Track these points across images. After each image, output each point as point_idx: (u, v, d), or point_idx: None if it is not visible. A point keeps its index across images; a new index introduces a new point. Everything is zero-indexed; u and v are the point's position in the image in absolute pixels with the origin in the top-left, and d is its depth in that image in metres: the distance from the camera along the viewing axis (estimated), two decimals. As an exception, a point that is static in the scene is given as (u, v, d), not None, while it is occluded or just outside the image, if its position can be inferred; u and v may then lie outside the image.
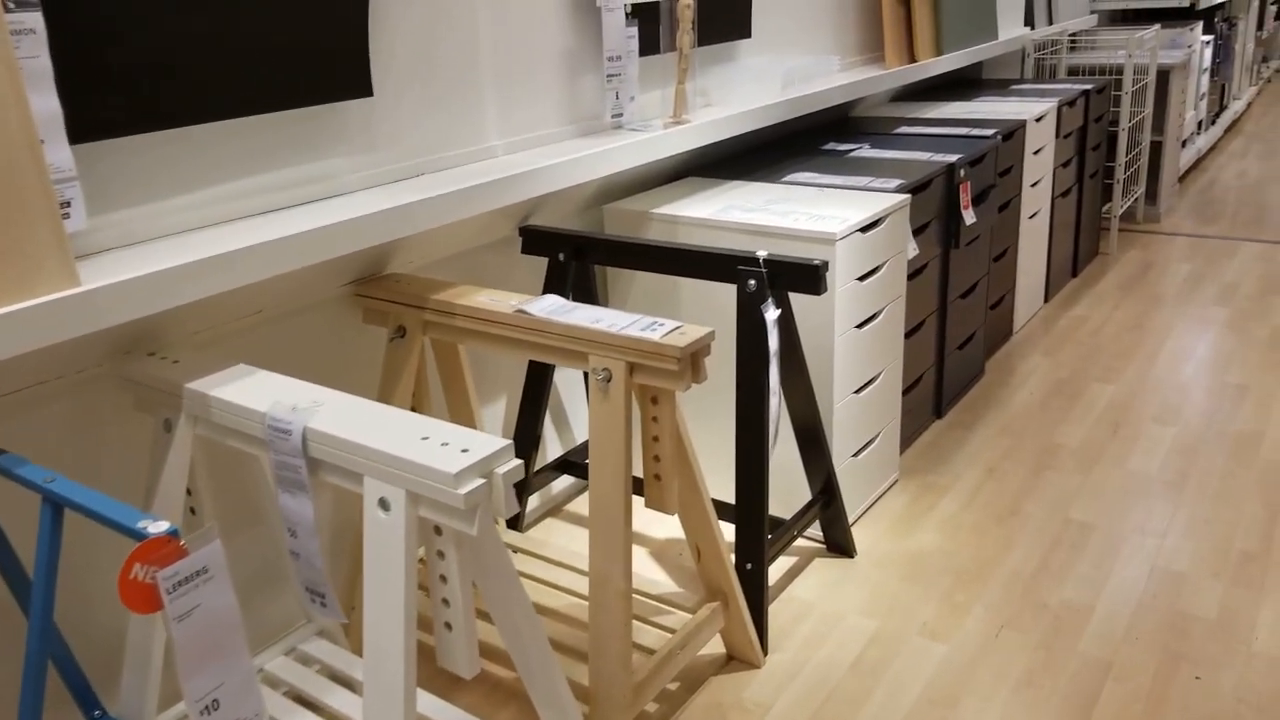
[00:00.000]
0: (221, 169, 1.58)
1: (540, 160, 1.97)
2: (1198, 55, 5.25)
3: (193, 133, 1.54)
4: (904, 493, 2.40)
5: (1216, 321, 3.32)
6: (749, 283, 1.84)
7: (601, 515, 1.55)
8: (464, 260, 2.11)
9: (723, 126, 2.37)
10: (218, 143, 1.57)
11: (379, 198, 1.72)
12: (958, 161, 2.56)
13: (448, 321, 1.72)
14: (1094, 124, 3.70)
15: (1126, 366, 3.01)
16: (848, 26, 3.16)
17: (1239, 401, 2.75)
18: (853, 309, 2.13)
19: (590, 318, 1.56)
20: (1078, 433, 2.63)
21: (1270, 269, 3.80)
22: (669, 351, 1.45)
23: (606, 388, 1.52)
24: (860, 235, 2.10)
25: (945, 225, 2.60)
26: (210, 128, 1.56)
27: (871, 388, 2.27)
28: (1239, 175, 5.34)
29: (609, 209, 2.32)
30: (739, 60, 2.72)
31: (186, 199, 1.54)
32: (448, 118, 1.93)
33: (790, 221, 2.09)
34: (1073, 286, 3.73)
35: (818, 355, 2.11)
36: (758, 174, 2.54)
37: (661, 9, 2.28)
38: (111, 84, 1.39)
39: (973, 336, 2.89)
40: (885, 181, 2.37)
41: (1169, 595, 1.96)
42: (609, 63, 2.22)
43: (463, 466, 1.12)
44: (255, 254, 1.46)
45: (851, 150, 2.77)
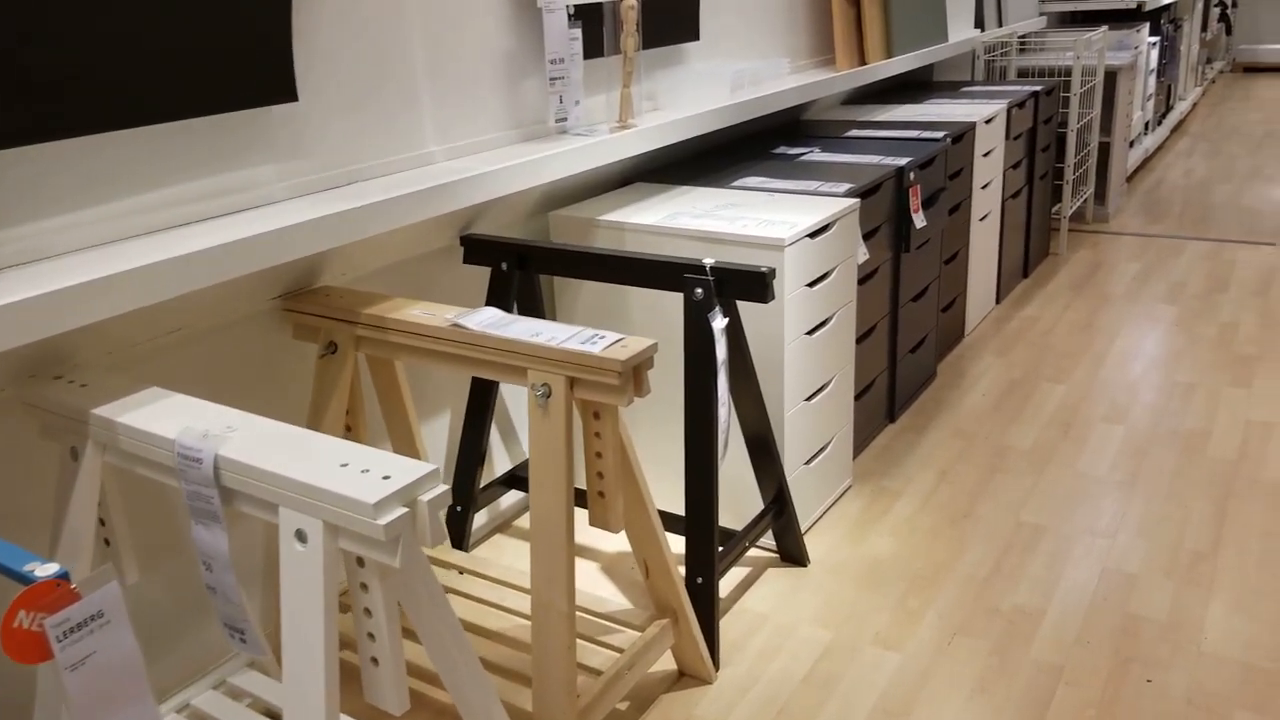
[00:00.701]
0: (132, 179, 1.52)
1: (480, 166, 1.92)
2: (1144, 56, 5.31)
3: (100, 141, 1.47)
4: (858, 498, 2.38)
5: (1165, 320, 3.34)
6: (695, 291, 1.80)
7: (543, 537, 1.50)
8: (403, 271, 2.05)
9: (670, 131, 2.34)
10: (128, 152, 1.50)
11: (305, 208, 1.66)
12: (907, 165, 2.55)
13: (381, 336, 1.67)
14: (1043, 125, 3.71)
15: (1077, 366, 3.02)
16: (798, 29, 3.14)
17: (1187, 400, 2.76)
18: (803, 315, 2.10)
19: (529, 331, 1.52)
20: (1029, 434, 2.62)
21: (1216, 267, 3.84)
22: (610, 365, 1.41)
23: (546, 404, 1.48)
24: (809, 241, 2.07)
25: (896, 229, 2.58)
26: (119, 135, 1.49)
27: (823, 394, 2.24)
28: (1185, 174, 5.40)
29: (554, 216, 2.27)
30: (687, 63, 2.68)
31: (94, 212, 1.48)
32: (382, 123, 1.88)
33: (739, 227, 2.06)
34: (1024, 287, 3.74)
35: (767, 363, 2.08)
36: (707, 178, 2.50)
37: (605, 11, 2.24)
38: (5, 91, 1.32)
39: (925, 339, 2.88)
40: (835, 185, 2.35)
41: (1120, 597, 1.95)
42: (551, 65, 2.18)
43: (383, 495, 1.07)
44: (166, 269, 1.40)
45: (802, 154, 2.74)
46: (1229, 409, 2.69)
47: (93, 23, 1.39)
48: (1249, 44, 9.61)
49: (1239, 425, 2.60)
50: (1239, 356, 3.02)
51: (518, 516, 2.40)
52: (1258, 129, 6.60)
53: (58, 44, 1.36)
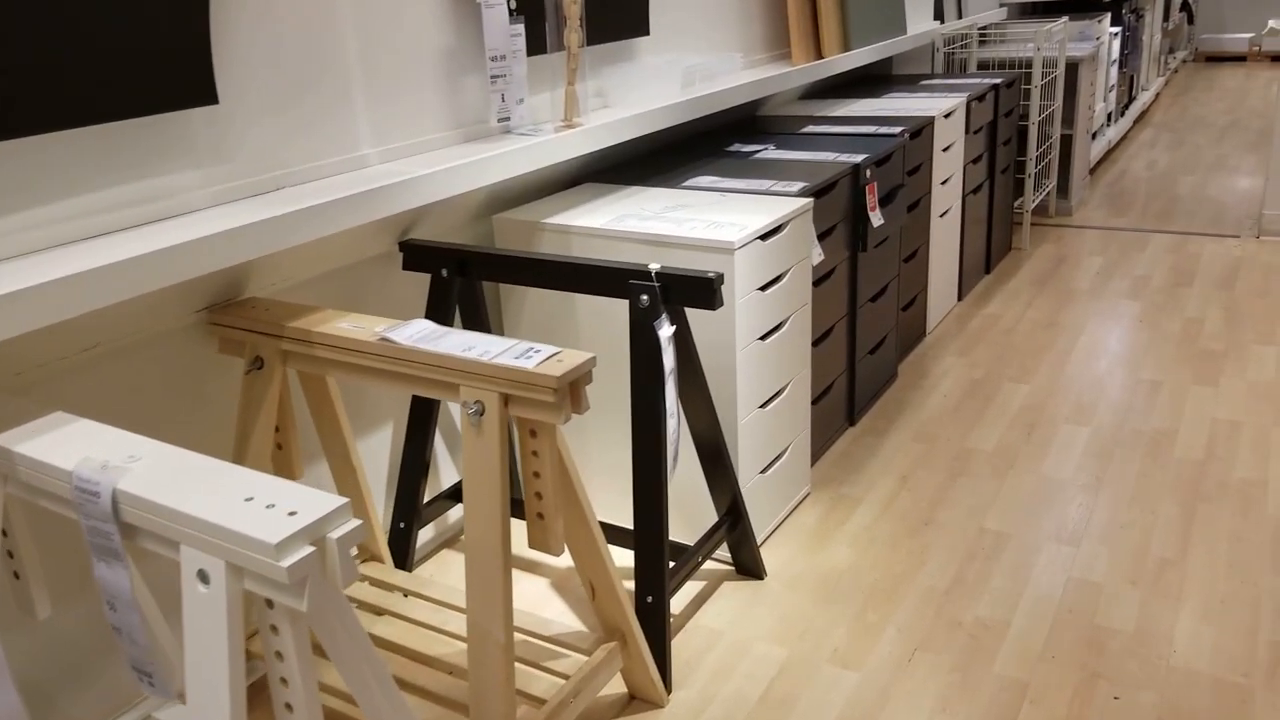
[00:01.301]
0: (37, 190, 1.42)
1: (416, 169, 1.83)
2: (1106, 47, 5.28)
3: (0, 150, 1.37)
4: (816, 506, 2.31)
5: (1128, 316, 3.30)
6: (641, 298, 1.72)
7: (478, 563, 1.42)
8: (339, 278, 1.96)
9: (617, 130, 2.25)
10: (31, 160, 1.41)
11: (228, 215, 1.57)
12: (863, 162, 2.48)
13: (308, 351, 1.58)
14: (1004, 118, 3.66)
15: (1040, 365, 2.97)
16: (753, 22, 3.06)
17: (1152, 398, 2.71)
18: (755, 320, 2.02)
19: (461, 345, 1.43)
20: (992, 436, 2.57)
21: (1180, 260, 3.80)
22: (544, 382, 1.33)
23: (479, 422, 1.39)
24: (760, 243, 2.00)
25: (852, 228, 2.52)
26: (22, 144, 1.39)
27: (778, 400, 2.17)
28: (1148, 166, 5.38)
29: (499, 219, 2.19)
30: (638, 59, 2.60)
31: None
32: (312, 125, 1.79)
33: (687, 230, 1.98)
34: (986, 283, 3.70)
35: (719, 370, 2.01)
36: (658, 178, 2.42)
37: (546, 5, 2.15)
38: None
39: (884, 340, 2.82)
40: (788, 184, 2.28)
41: (1085, 608, 1.89)
42: (492, 63, 2.09)
43: (286, 534, 0.98)
44: (76, 284, 1.30)
45: (756, 151, 2.67)
46: (1195, 407, 2.64)
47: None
48: (1212, 33, 9.65)
49: (1205, 424, 2.55)
50: (1204, 353, 2.98)
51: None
52: (1221, 118, 6.61)
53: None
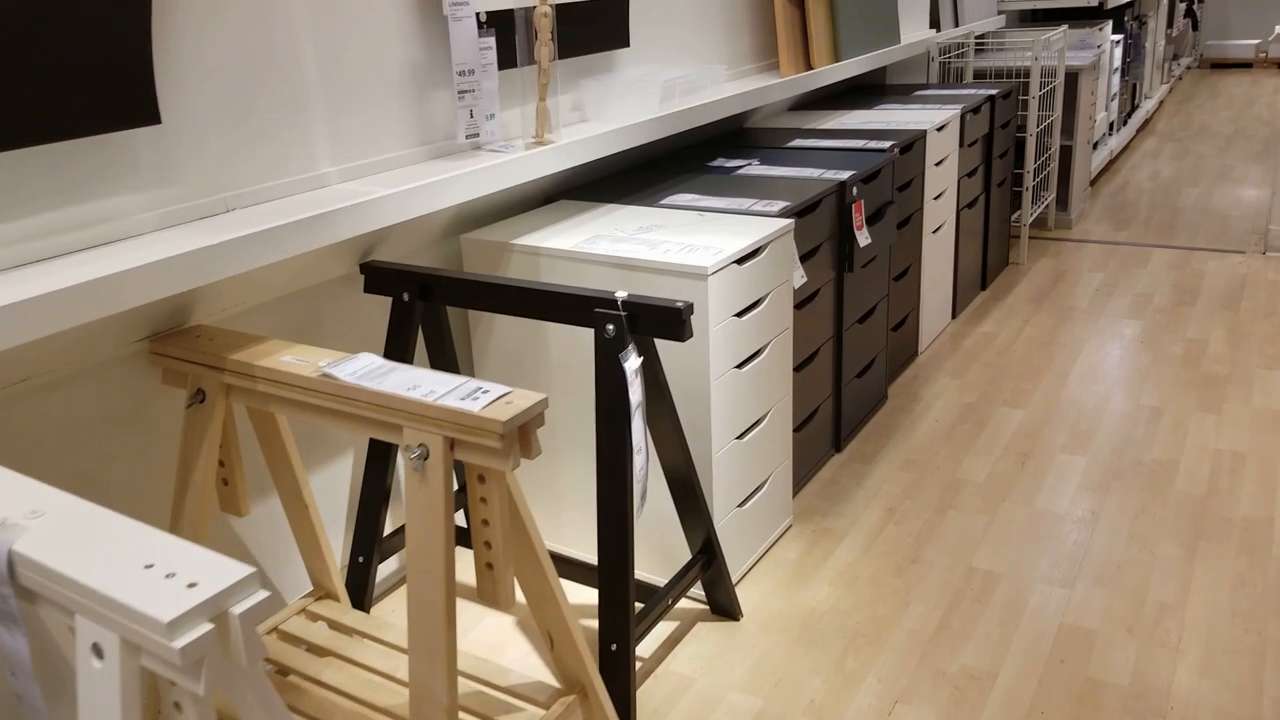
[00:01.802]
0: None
1: (376, 189, 1.74)
2: (1107, 55, 5.18)
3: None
4: (798, 539, 2.21)
5: (1129, 336, 3.19)
6: (607, 328, 1.63)
7: (421, 618, 1.32)
8: (298, 302, 1.86)
9: (591, 146, 2.16)
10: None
11: (170, 240, 1.48)
12: (850, 179, 2.38)
13: (249, 385, 1.48)
14: (1000, 130, 3.56)
15: (1036, 388, 2.87)
16: (740, 32, 2.97)
17: (1152, 426, 2.61)
18: (731, 348, 1.93)
19: (405, 383, 1.33)
20: (984, 465, 2.47)
21: (1182, 278, 3.70)
22: (490, 426, 1.23)
23: (423, 467, 1.30)
24: (737, 267, 1.90)
25: (838, 247, 2.42)
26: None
27: (757, 430, 2.07)
28: (1151, 176, 5.28)
29: (466, 239, 2.09)
30: (617, 71, 2.51)
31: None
32: (266, 144, 1.69)
33: (660, 254, 1.88)
34: (982, 300, 3.60)
35: (692, 401, 1.91)
36: (635, 196, 2.33)
37: (517, 18, 2.06)
38: None
39: (873, 362, 2.72)
40: (769, 204, 2.18)
41: (1078, 658, 1.79)
42: (459, 78, 1.99)
43: (181, 611, 0.89)
44: (5, 315, 1.21)
45: (740, 167, 2.58)
46: (1197, 437, 2.54)
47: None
48: (1217, 39, 9.55)
49: (1208, 455, 2.45)
50: (1208, 377, 2.88)
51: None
52: (1226, 127, 6.50)
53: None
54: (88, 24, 1.40)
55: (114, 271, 1.36)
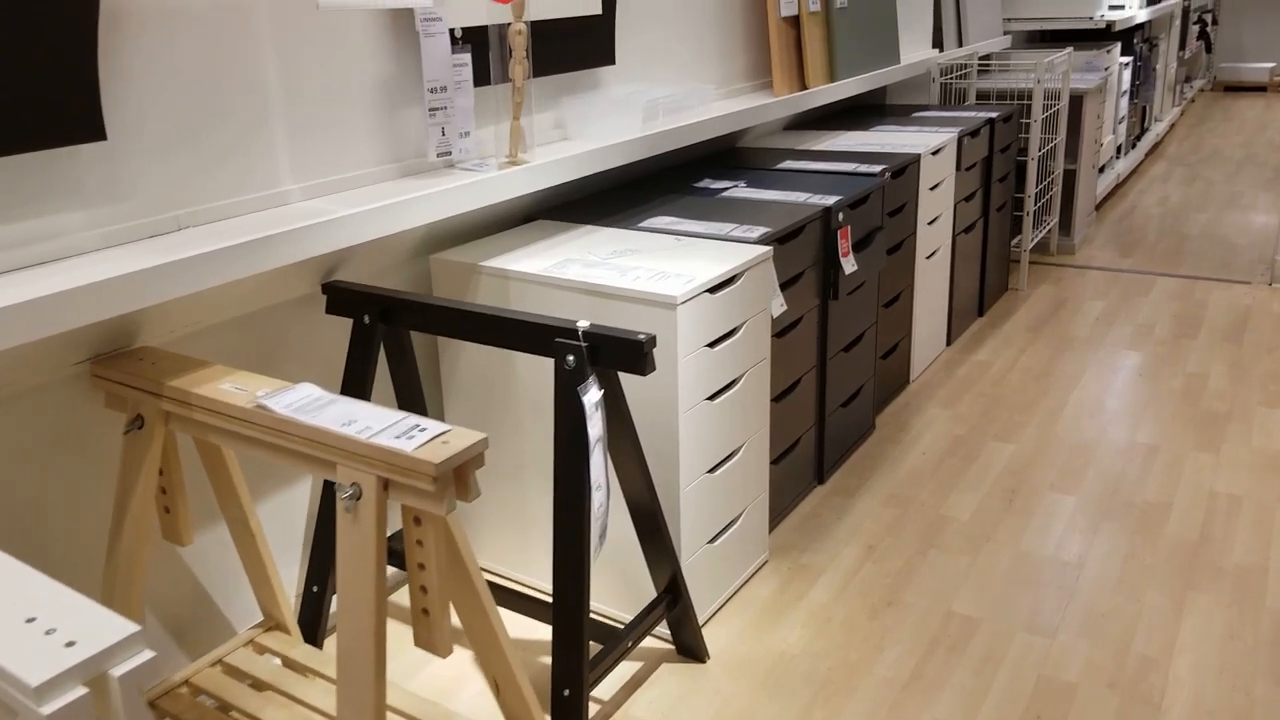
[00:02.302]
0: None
1: (337, 209, 1.68)
2: (1115, 78, 5.11)
3: None
4: (773, 576, 2.14)
5: (1128, 368, 3.11)
6: (567, 359, 1.56)
7: (350, 668, 1.26)
8: (256, 323, 1.80)
9: (566, 167, 2.10)
10: None
11: (113, 260, 1.42)
12: (835, 205, 2.31)
13: (186, 413, 1.42)
14: (1000, 154, 3.49)
15: (1028, 421, 2.79)
16: (734, 51, 2.91)
17: (1147, 465, 2.53)
18: (701, 379, 1.86)
19: (341, 418, 1.27)
20: (970, 502, 2.39)
21: (1185, 308, 3.62)
22: (422, 468, 1.17)
23: (355, 507, 1.23)
24: (709, 296, 1.83)
25: (822, 274, 2.35)
26: None
27: (730, 464, 2.00)
28: (1160, 201, 5.20)
29: (436, 259, 2.03)
30: (603, 89, 2.45)
31: None
32: (223, 161, 1.63)
33: (629, 280, 1.82)
34: (978, 327, 3.52)
35: (659, 434, 1.84)
36: (615, 217, 2.27)
37: (490, 35, 2.00)
38: None
39: (860, 391, 2.64)
40: (749, 229, 2.11)
41: (1055, 713, 1.71)
42: (431, 95, 1.94)
43: (52, 674, 0.82)
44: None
45: (725, 189, 2.51)
46: (1193, 478, 2.46)
47: None
48: (1231, 62, 9.46)
49: (1203, 498, 2.37)
50: (1206, 414, 2.80)
51: (394, 590, 2.15)
52: (1238, 152, 6.42)
53: None
54: (30, 38, 1.35)
55: (53, 292, 1.31)
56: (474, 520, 2.15)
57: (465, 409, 2.07)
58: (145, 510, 1.51)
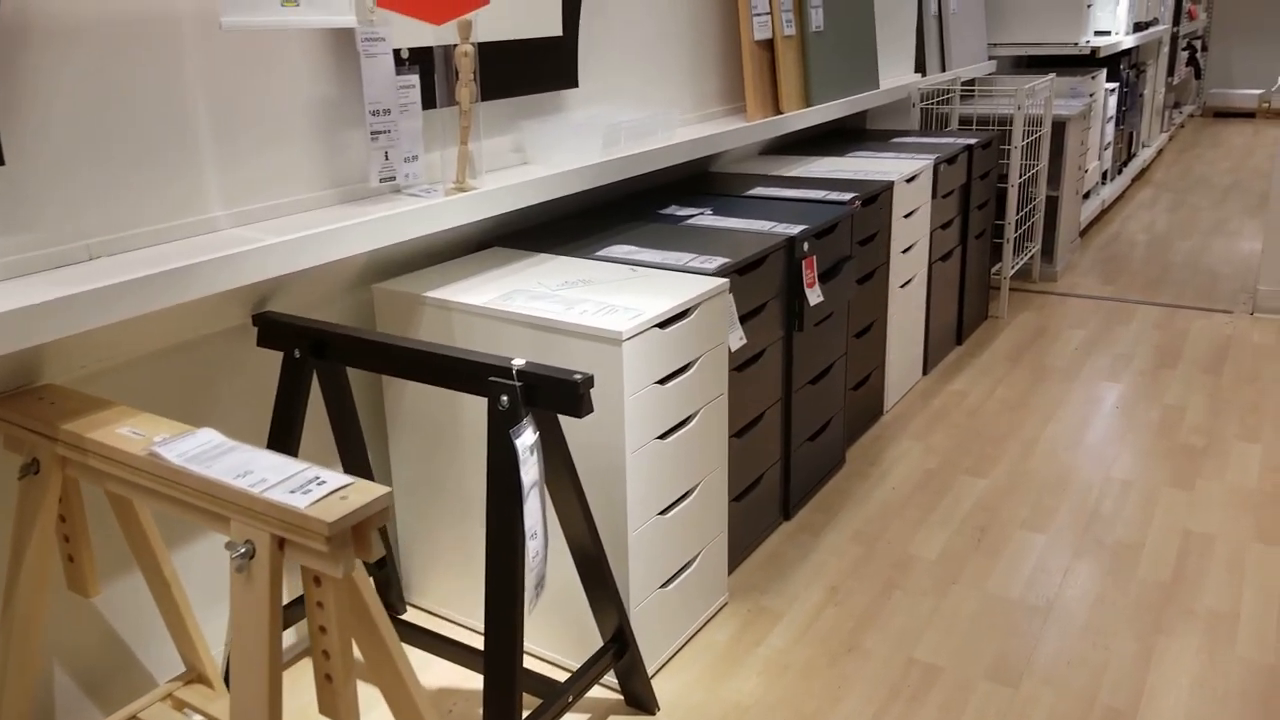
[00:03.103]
0: None
1: (261, 238, 1.60)
2: (1100, 104, 5.06)
3: None
4: (731, 620, 2.05)
5: (1105, 400, 3.04)
6: (501, 399, 1.48)
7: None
8: (184, 355, 1.72)
9: (517, 194, 2.02)
10: None
11: (10, 292, 1.34)
12: (800, 234, 2.24)
13: (80, 459, 1.33)
14: (979, 181, 3.43)
15: (1002, 455, 2.71)
16: (706, 74, 2.84)
17: (1120, 502, 2.45)
18: (651, 417, 1.78)
19: (236, 468, 1.19)
20: (938, 540, 2.31)
21: (1166, 338, 3.55)
22: (314, 527, 1.09)
23: (248, 567, 1.15)
24: (659, 331, 1.76)
25: (786, 305, 2.27)
26: None
27: (684, 504, 1.92)
28: (1145, 228, 5.14)
29: (379, 289, 1.95)
30: (566, 112, 2.38)
31: None
32: (142, 186, 1.56)
33: (576, 314, 1.74)
34: (956, 355, 3.44)
35: (605, 475, 1.76)
36: (571, 245, 2.19)
37: (436, 56, 1.93)
38: None
39: (829, 424, 2.56)
40: (708, 260, 2.04)
41: (1016, 772, 1.63)
42: (373, 117, 1.86)
43: None
44: None
45: (691, 216, 2.44)
46: (1166, 516, 2.38)
47: None
48: (1220, 88, 9.45)
49: (1176, 537, 2.29)
50: (1183, 448, 2.72)
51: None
52: (1224, 178, 6.37)
53: None
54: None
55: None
56: (420, 561, 2.07)
57: (410, 446, 1.99)
58: (42, 560, 1.43)
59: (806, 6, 3.01)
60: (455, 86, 1.91)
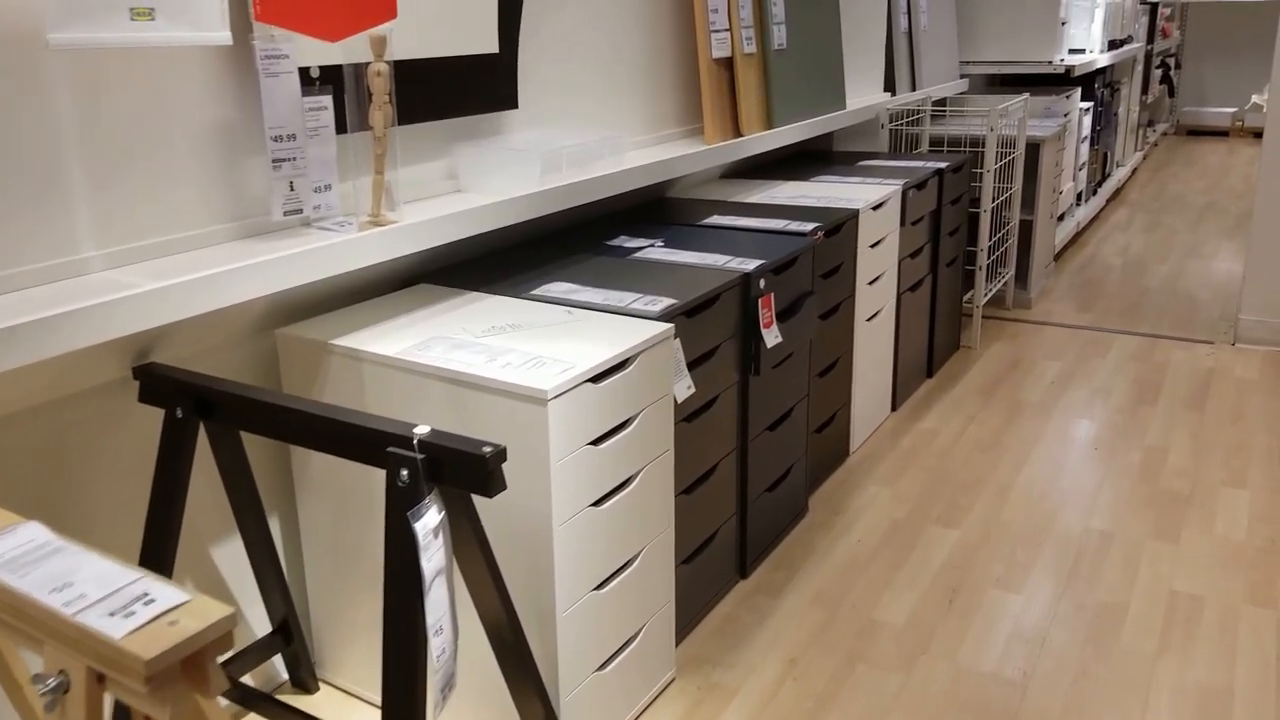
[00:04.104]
0: None
1: (139, 282, 1.40)
2: (1075, 123, 4.92)
3: None
4: (680, 698, 1.86)
5: (1083, 441, 2.87)
6: (400, 473, 1.29)
7: None
8: (48, 416, 1.51)
9: (443, 227, 1.83)
10: None
11: None
12: (756, 270, 2.06)
13: (-110, 555, 1.12)
14: (950, 206, 3.26)
15: (974, 503, 2.53)
16: (662, 93, 2.66)
17: (1101, 557, 2.28)
18: (583, 483, 1.59)
19: (55, 579, 0.98)
20: (905, 602, 2.13)
21: (1145, 370, 3.40)
22: (130, 663, 0.88)
23: (60, 702, 0.94)
24: (591, 387, 1.57)
25: (742, 348, 2.09)
26: None
27: (625, 576, 1.73)
28: (1120, 251, 5.01)
29: (284, 335, 1.75)
30: (506, 135, 2.19)
31: None
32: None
33: (498, 367, 1.55)
34: (927, 389, 3.27)
35: (530, 552, 1.56)
36: (507, 283, 2.00)
37: (345, 75, 1.73)
38: None
39: (790, 471, 2.38)
40: (653, 301, 1.85)
41: None
42: (275, 144, 1.67)
43: None
44: None
45: (641, 249, 2.25)
46: (1151, 574, 2.21)
47: None
48: (1193, 106, 9.39)
49: (1162, 598, 2.12)
50: (1166, 495, 2.56)
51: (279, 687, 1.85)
52: (1199, 199, 6.27)
53: None
54: None
55: None
56: (333, 636, 1.86)
57: (320, 510, 1.78)
58: None
59: (768, 23, 2.84)
60: (369, 110, 1.72)
